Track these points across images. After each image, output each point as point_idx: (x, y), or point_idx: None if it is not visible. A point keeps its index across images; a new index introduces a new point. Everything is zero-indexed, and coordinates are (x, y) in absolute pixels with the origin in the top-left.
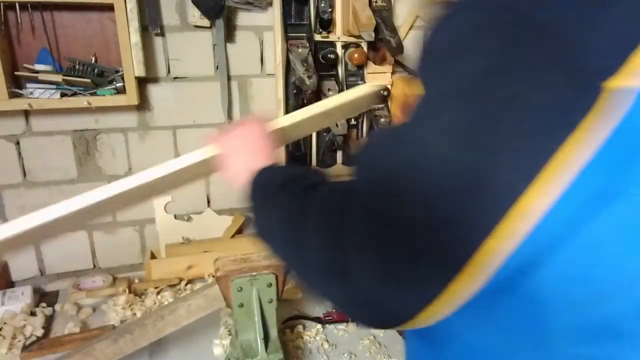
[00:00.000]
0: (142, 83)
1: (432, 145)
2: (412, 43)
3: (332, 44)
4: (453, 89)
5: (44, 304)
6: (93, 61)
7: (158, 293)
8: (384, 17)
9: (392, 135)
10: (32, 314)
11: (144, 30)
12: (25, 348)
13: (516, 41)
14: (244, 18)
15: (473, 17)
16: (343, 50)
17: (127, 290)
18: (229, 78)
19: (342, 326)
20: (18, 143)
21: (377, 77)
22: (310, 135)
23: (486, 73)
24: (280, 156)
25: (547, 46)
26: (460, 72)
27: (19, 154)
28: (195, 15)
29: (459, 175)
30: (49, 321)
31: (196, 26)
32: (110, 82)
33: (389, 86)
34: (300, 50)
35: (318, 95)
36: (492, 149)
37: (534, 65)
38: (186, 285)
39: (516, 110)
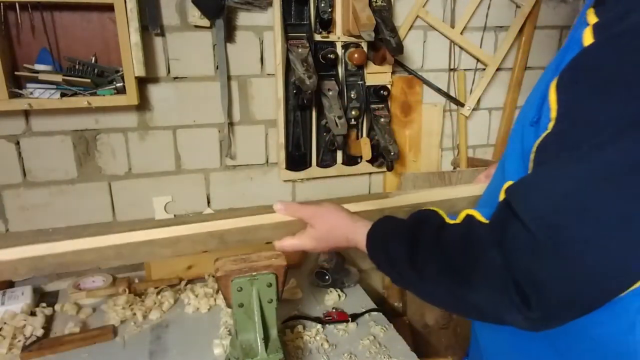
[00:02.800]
0: (142, 83)
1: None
2: (412, 43)
3: (332, 44)
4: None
5: (44, 304)
6: (93, 61)
7: (158, 293)
8: (384, 17)
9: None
10: (32, 314)
11: (144, 30)
12: (25, 348)
13: None
14: (244, 18)
15: None
16: (343, 50)
17: (127, 290)
18: (229, 78)
19: (342, 326)
20: (18, 143)
21: (377, 77)
22: (310, 135)
23: None
24: (280, 156)
25: None
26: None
27: (19, 154)
28: (195, 15)
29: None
30: (49, 321)
31: (196, 26)
32: (110, 82)
33: (389, 86)
34: (300, 50)
35: (318, 95)
36: None
37: None
38: (186, 285)
39: None
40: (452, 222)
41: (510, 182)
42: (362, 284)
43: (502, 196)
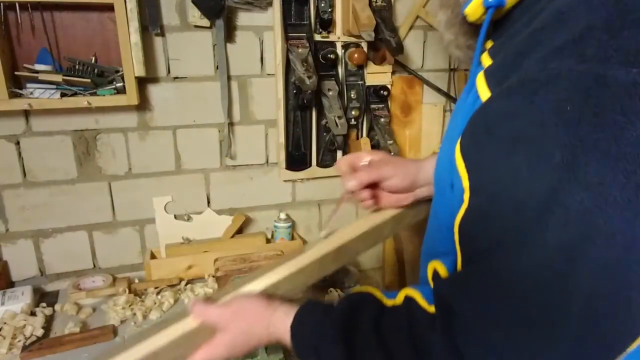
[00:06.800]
0: (142, 83)
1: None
2: (412, 43)
3: (332, 44)
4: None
5: (44, 304)
6: (93, 61)
7: (158, 293)
8: (384, 17)
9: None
10: (32, 314)
11: (144, 30)
12: (25, 348)
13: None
14: (244, 18)
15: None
16: (343, 50)
17: (127, 290)
18: (229, 78)
19: None
20: (18, 143)
21: (377, 77)
22: (310, 135)
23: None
24: (280, 156)
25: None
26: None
27: (19, 154)
28: (195, 15)
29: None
30: (49, 321)
31: (196, 26)
32: (110, 82)
33: (389, 86)
34: (300, 50)
35: (318, 95)
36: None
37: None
38: (186, 285)
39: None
40: (390, 303)
41: (436, 264)
42: (362, 283)
43: (431, 282)
